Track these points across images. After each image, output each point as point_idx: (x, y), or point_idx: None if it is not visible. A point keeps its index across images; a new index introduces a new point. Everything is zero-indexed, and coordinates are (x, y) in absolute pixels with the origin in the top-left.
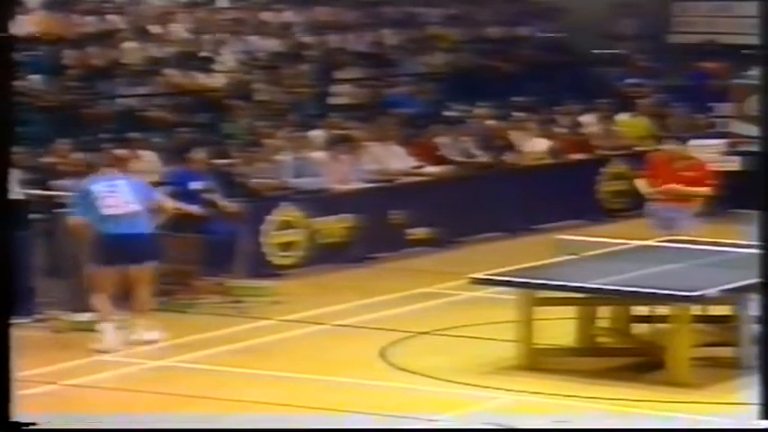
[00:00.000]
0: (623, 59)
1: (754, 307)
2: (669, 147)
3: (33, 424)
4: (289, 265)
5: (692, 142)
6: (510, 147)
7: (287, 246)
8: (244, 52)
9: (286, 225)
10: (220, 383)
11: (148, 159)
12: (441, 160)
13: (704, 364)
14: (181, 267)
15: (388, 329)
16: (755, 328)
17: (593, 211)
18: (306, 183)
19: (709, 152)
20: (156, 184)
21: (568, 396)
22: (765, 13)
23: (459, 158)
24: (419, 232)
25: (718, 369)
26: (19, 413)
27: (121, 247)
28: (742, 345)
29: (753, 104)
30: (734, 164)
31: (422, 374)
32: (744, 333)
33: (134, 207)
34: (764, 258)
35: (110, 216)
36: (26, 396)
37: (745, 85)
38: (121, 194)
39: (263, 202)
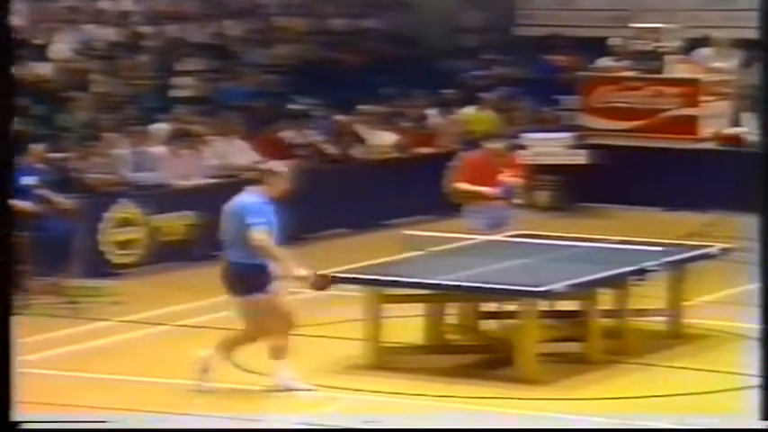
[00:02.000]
0: (469, 52)
1: (602, 301)
2: (489, 145)
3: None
4: (128, 263)
5: (539, 135)
6: (357, 141)
7: (126, 244)
8: (79, 41)
9: (124, 222)
10: (58, 388)
11: None
12: (285, 155)
13: (552, 360)
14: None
15: (232, 329)
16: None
17: (441, 206)
18: (145, 178)
19: (556, 146)
20: None
21: (416, 395)
22: (764, 7)
23: (304, 153)
24: None
25: (566, 365)
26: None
27: None
28: (590, 340)
29: (600, 97)
30: (580, 157)
31: (268, 375)
32: (592, 328)
33: None
34: (764, 260)
35: None
36: None
37: (591, 78)
38: None
39: (100, 198)
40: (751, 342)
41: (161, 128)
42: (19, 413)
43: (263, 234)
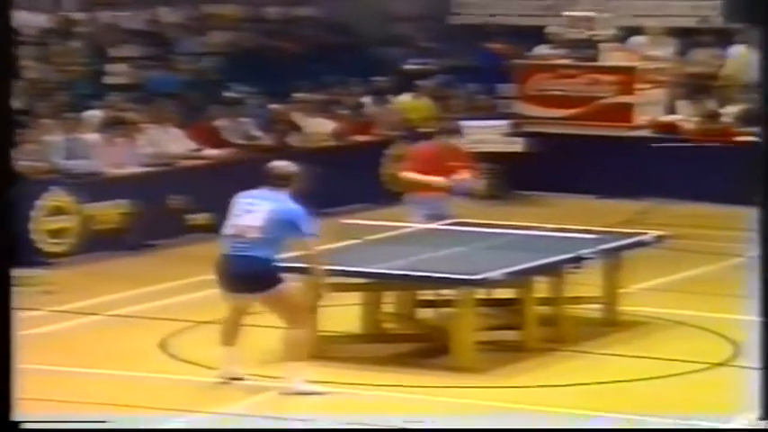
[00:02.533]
0: (405, 40)
1: (538, 289)
2: (441, 139)
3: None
4: (60, 252)
5: (475, 123)
6: (293, 129)
7: (58, 232)
8: None
9: (56, 210)
10: None
11: None
12: (221, 143)
13: (489, 348)
14: None
15: (168, 319)
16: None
17: (378, 194)
18: (78, 166)
19: (492, 133)
20: None
21: (352, 384)
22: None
23: (240, 141)
24: (199, 218)
25: (502, 353)
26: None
27: None
28: (527, 328)
29: (536, 85)
30: (517, 145)
31: (204, 366)
32: (528, 316)
33: None
34: (764, 257)
35: None
36: None
37: (527, 66)
38: None
39: (31, 185)
40: (687, 329)
41: (94, 115)
42: (20, 413)
43: (317, 244)
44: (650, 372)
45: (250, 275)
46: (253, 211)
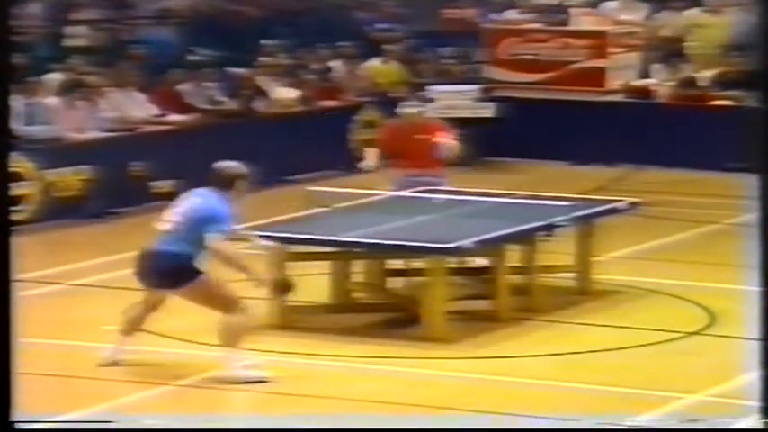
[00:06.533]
0: (372, 4)
1: (510, 258)
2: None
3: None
4: (20, 220)
5: (444, 88)
6: (258, 94)
7: (17, 200)
8: None
9: (16, 177)
10: None
11: None
12: (185, 108)
13: (461, 318)
14: None
15: (130, 289)
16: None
17: (346, 161)
18: (38, 131)
19: (462, 99)
20: None
21: (320, 355)
22: None
23: (204, 106)
24: (162, 185)
25: (474, 322)
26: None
27: None
28: (499, 297)
29: (506, 49)
30: (487, 111)
31: (167, 336)
32: (500, 285)
33: None
34: (764, 248)
35: None
36: None
37: (497, 30)
38: None
39: None
40: (661, 298)
41: (54, 78)
42: (19, 413)
43: (225, 243)
44: (624, 341)
45: (163, 270)
46: (178, 206)
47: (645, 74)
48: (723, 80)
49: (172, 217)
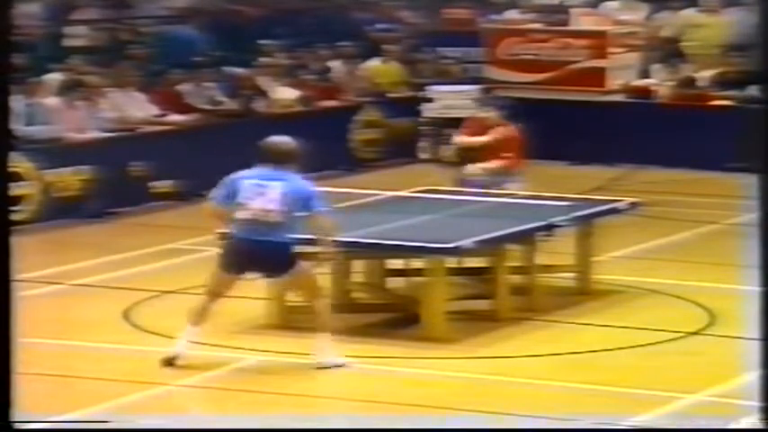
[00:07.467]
0: (372, 5)
1: (510, 258)
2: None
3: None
4: (20, 220)
5: (445, 88)
6: (258, 94)
7: (17, 200)
8: None
9: (16, 177)
10: None
11: None
12: (185, 108)
13: (461, 318)
14: None
15: (131, 289)
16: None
17: (346, 161)
18: (38, 131)
19: (462, 98)
20: None
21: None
22: None
23: (204, 106)
24: (162, 185)
25: (474, 322)
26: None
27: None
28: (499, 297)
29: (507, 49)
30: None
31: (169, 336)
32: (500, 285)
33: None
34: (764, 248)
35: None
36: None
37: (498, 30)
38: None
39: None
40: (661, 298)
41: (54, 78)
42: (18, 413)
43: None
44: (624, 341)
45: (276, 259)
46: (265, 193)
47: (645, 74)
48: (723, 80)
49: (265, 204)
